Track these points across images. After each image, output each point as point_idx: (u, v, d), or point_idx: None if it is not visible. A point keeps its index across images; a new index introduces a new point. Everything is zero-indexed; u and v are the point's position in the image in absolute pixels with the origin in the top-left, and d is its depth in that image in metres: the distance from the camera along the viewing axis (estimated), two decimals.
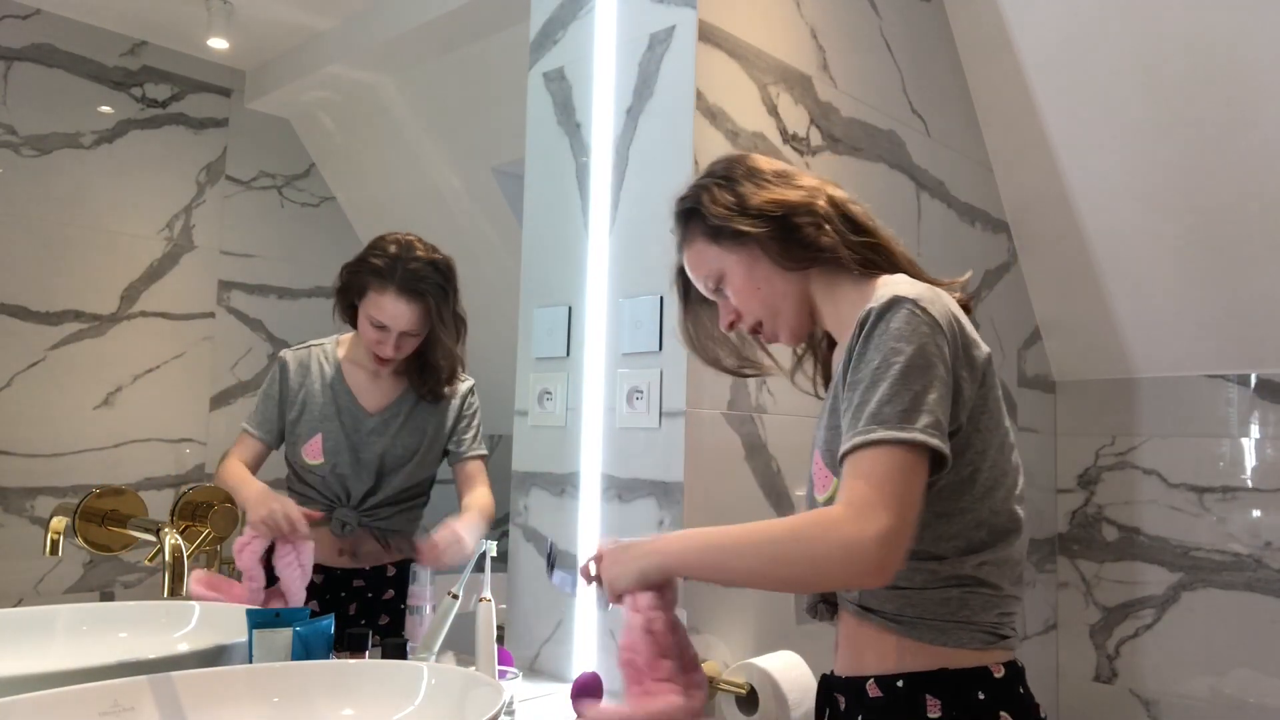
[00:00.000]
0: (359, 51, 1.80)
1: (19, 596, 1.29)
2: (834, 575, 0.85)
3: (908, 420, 0.84)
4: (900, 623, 0.96)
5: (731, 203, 1.04)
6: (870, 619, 0.98)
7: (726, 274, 1.07)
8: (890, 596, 0.96)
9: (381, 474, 1.52)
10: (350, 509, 1.50)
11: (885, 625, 0.97)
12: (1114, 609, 2.29)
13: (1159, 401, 2.28)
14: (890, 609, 0.97)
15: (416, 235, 1.52)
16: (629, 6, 1.58)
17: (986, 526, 0.94)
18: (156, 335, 1.45)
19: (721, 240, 1.05)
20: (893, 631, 0.96)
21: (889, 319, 0.88)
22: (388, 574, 1.56)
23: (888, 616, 0.97)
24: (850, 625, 1.02)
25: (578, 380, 1.58)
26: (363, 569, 1.54)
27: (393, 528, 1.55)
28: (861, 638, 1.00)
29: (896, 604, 0.96)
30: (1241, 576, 2.11)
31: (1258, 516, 2.11)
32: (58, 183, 1.36)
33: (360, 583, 1.54)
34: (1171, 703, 2.19)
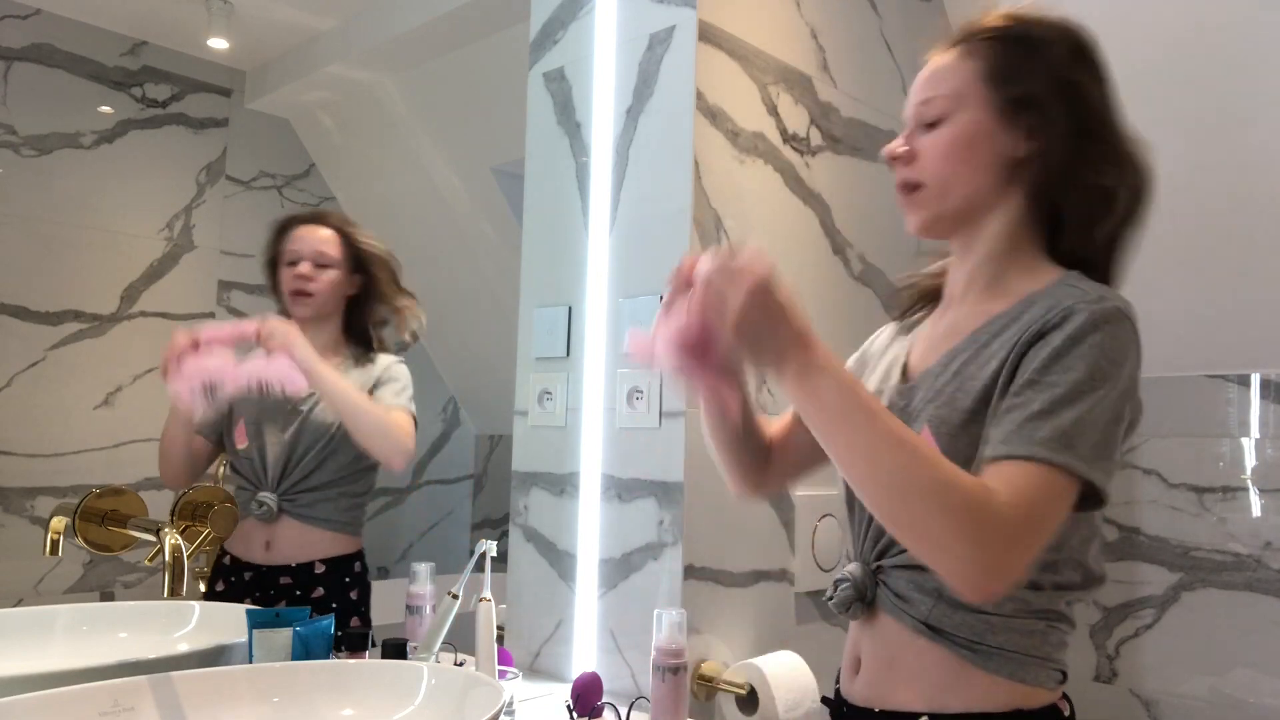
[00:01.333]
0: (359, 51, 1.80)
1: (19, 596, 1.29)
2: (945, 551, 0.72)
3: (1099, 459, 0.75)
4: (976, 651, 0.85)
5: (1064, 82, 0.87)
6: (938, 642, 0.86)
7: (956, 117, 0.88)
8: (970, 620, 0.85)
9: (294, 451, 1.47)
10: (269, 491, 1.45)
11: (956, 652, 0.85)
12: (1114, 609, 2.29)
13: (1159, 401, 2.28)
14: (966, 634, 0.85)
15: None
16: (629, 6, 1.58)
17: (1083, 570, 0.87)
18: (156, 335, 1.44)
19: (1000, 97, 0.87)
20: (965, 660, 0.85)
21: (1110, 332, 0.78)
22: (315, 570, 1.48)
23: (960, 642, 0.85)
24: (895, 645, 0.89)
25: (578, 380, 1.58)
26: (289, 565, 1.46)
27: (318, 515, 1.48)
28: (915, 663, 0.88)
29: (975, 629, 0.85)
30: (1241, 576, 2.11)
31: (1258, 516, 2.11)
32: (58, 183, 1.36)
33: (287, 580, 1.46)
34: (1171, 703, 2.19)
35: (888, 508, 0.75)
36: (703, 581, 1.44)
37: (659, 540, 1.44)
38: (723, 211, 1.51)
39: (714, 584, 1.47)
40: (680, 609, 1.24)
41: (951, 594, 0.85)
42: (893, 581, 0.90)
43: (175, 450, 1.43)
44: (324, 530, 1.49)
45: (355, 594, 1.50)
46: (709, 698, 1.43)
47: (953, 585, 0.74)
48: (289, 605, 1.42)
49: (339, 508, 1.50)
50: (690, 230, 1.45)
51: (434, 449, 1.87)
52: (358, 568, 1.52)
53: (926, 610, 0.87)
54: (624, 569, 1.48)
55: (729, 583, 1.49)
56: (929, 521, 0.72)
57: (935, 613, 0.86)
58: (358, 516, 1.54)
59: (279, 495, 1.46)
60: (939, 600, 0.86)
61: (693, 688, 1.41)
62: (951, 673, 0.86)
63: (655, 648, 1.20)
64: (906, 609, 0.88)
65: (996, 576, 0.72)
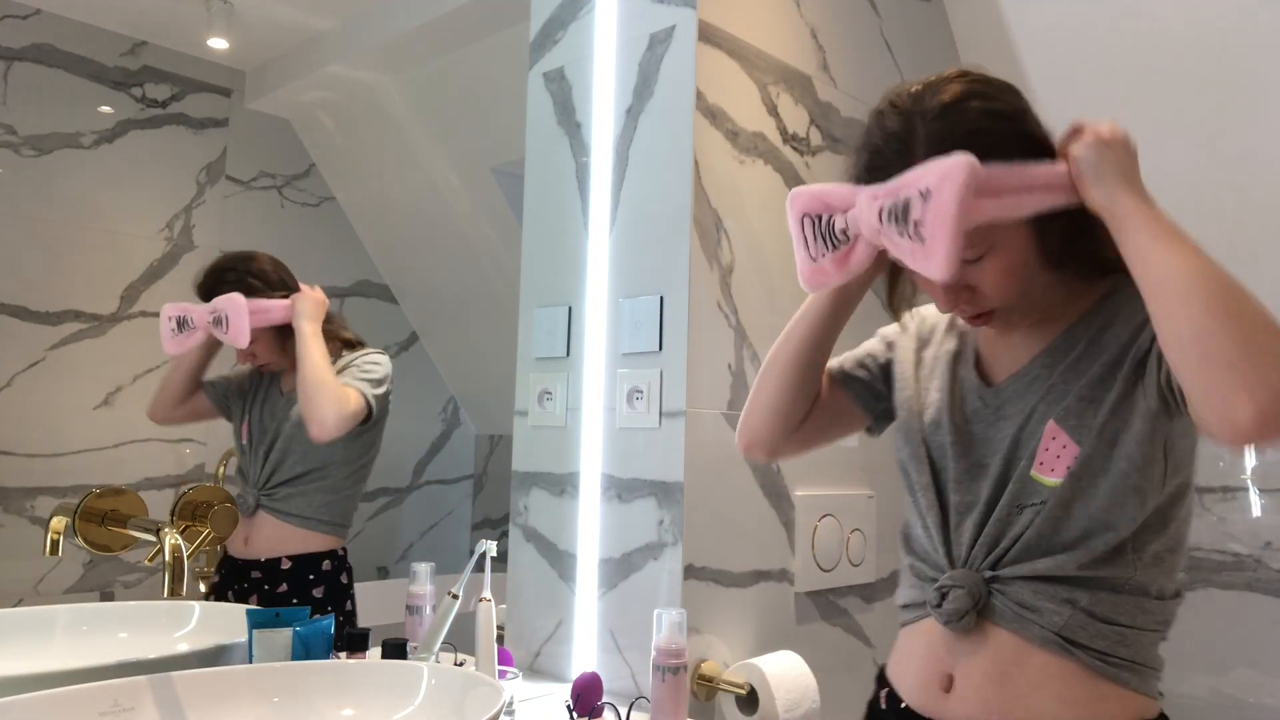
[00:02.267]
0: (359, 51, 1.80)
1: (19, 596, 1.29)
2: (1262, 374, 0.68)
3: None
4: (1109, 664, 0.84)
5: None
6: (1069, 656, 0.84)
7: (998, 247, 0.84)
8: (1106, 633, 0.85)
9: (273, 447, 1.48)
10: (253, 487, 1.48)
11: (1088, 665, 0.84)
12: None
13: None
14: (1102, 646, 0.84)
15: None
16: (629, 6, 1.58)
17: (1181, 570, 0.89)
18: (156, 335, 1.44)
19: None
20: (1096, 674, 0.84)
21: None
22: (282, 566, 1.47)
23: (1097, 655, 0.84)
24: (1010, 659, 0.86)
25: (578, 380, 1.57)
26: (258, 560, 1.47)
27: (290, 510, 1.48)
28: (1038, 676, 0.85)
29: (1109, 642, 0.85)
30: (1241, 576, 2.11)
31: (1258, 516, 2.11)
32: (58, 183, 1.36)
33: (258, 574, 1.46)
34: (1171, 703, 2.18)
35: (1220, 303, 0.72)
36: (703, 581, 1.44)
37: (659, 540, 1.44)
38: (723, 211, 1.51)
39: (714, 584, 1.47)
40: (680, 609, 1.24)
41: (1091, 605, 0.84)
42: (1015, 591, 0.86)
43: (169, 389, 1.46)
44: (294, 526, 1.48)
45: (321, 592, 1.48)
46: (709, 698, 1.43)
47: (1256, 402, 0.68)
48: (260, 600, 1.45)
49: (312, 504, 1.50)
50: (690, 230, 1.45)
51: (434, 449, 1.87)
52: (327, 566, 1.50)
53: (1061, 621, 0.84)
54: (624, 569, 1.48)
55: (729, 583, 1.49)
56: (1258, 337, 0.70)
57: (1071, 623, 0.84)
58: (337, 514, 1.52)
59: (259, 490, 1.48)
60: (1075, 610, 0.85)
61: (693, 688, 1.40)
62: (1082, 687, 0.83)
63: (655, 648, 1.20)
64: (1035, 619, 0.85)
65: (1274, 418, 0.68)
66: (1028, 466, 0.87)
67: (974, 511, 0.90)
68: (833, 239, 0.88)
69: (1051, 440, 0.85)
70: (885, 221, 0.81)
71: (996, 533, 0.88)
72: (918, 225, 0.77)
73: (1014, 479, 0.87)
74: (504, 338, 1.72)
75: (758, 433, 1.07)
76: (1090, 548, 0.85)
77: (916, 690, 0.93)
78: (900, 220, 0.79)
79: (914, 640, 0.96)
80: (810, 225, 0.89)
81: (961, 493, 0.92)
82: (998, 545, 0.88)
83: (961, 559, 0.90)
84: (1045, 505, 0.85)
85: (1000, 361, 0.96)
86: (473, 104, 1.95)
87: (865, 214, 0.83)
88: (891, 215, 0.80)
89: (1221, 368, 0.70)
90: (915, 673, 0.94)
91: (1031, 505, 0.86)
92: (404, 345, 1.76)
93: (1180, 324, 0.73)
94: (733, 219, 1.52)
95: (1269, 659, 2.06)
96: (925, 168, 0.77)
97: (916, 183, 0.78)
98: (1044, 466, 0.85)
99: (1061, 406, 0.86)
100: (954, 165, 0.75)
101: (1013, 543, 0.87)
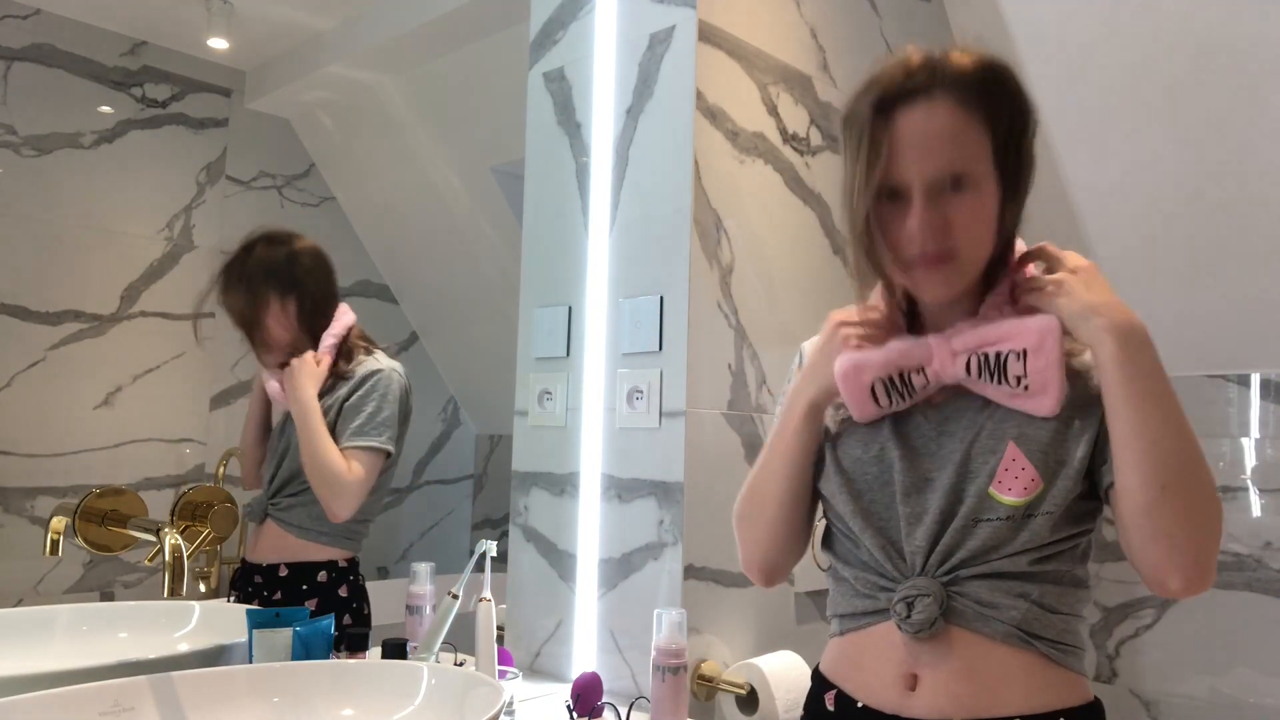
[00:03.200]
0: (359, 51, 1.80)
1: (19, 596, 1.29)
2: (1206, 538, 0.81)
3: None
4: (1062, 651, 0.89)
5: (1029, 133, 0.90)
6: (1031, 647, 0.88)
7: (980, 183, 0.87)
8: (1057, 621, 0.89)
9: (282, 458, 1.48)
10: (264, 495, 1.49)
11: (1045, 654, 0.88)
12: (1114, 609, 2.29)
13: None
14: (1053, 635, 0.89)
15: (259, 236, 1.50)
16: (629, 6, 1.57)
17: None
18: (156, 335, 1.44)
19: (999, 160, 0.88)
20: (1052, 661, 0.88)
21: None
22: (280, 573, 1.46)
23: (1051, 644, 0.89)
24: (972, 655, 0.89)
25: (578, 380, 1.57)
26: (261, 565, 1.46)
27: (290, 520, 1.47)
28: (999, 669, 0.88)
29: (1058, 629, 0.89)
30: (1241, 576, 2.11)
31: (1258, 516, 2.11)
32: (58, 183, 1.36)
33: (259, 579, 1.46)
34: (1171, 703, 2.19)
35: (1176, 485, 0.81)
36: (703, 581, 1.44)
37: (659, 540, 1.44)
38: (723, 211, 1.51)
39: (714, 584, 1.46)
40: (680, 609, 1.24)
41: (1041, 598, 0.88)
42: (973, 591, 0.89)
43: (250, 456, 1.51)
44: (293, 535, 1.47)
45: (314, 604, 1.45)
46: (709, 698, 1.43)
47: (1185, 576, 0.81)
48: (261, 604, 1.43)
49: (311, 515, 1.46)
50: (690, 230, 1.45)
51: (434, 449, 1.87)
52: (323, 577, 1.47)
53: (1019, 615, 0.87)
54: (624, 569, 1.48)
55: (729, 583, 1.49)
56: (1208, 507, 0.81)
57: (1028, 617, 0.88)
58: (338, 527, 1.48)
59: (267, 498, 1.49)
60: (1029, 603, 0.88)
61: (693, 688, 1.40)
62: (1042, 675, 0.88)
63: (655, 648, 1.20)
64: (995, 615, 0.88)
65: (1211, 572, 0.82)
66: (985, 484, 0.89)
67: (924, 523, 0.91)
68: (909, 391, 0.93)
69: (1012, 462, 0.88)
70: (976, 375, 0.89)
71: (953, 543, 0.89)
72: (1020, 379, 0.87)
73: (970, 494, 0.89)
74: (504, 338, 1.72)
75: (770, 558, 1.05)
76: (1044, 550, 0.89)
77: (878, 689, 0.92)
78: (997, 375, 0.88)
79: (865, 642, 0.95)
80: (883, 386, 0.93)
81: (911, 505, 0.92)
82: (954, 554, 0.90)
83: (918, 567, 0.91)
84: (1004, 520, 0.88)
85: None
86: (473, 104, 1.95)
87: (951, 369, 0.90)
88: (983, 370, 0.89)
89: (1163, 542, 0.81)
90: (874, 672, 0.93)
91: (988, 520, 0.88)
92: (404, 345, 1.76)
93: (1137, 491, 0.82)
94: (733, 219, 1.52)
95: (1269, 659, 2.06)
96: (1011, 325, 0.87)
97: (1006, 341, 0.87)
98: (1002, 485, 0.88)
99: (1018, 430, 0.89)
100: (1049, 326, 0.86)
101: (970, 553, 0.89)
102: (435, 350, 1.82)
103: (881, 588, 0.94)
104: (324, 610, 1.46)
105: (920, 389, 0.93)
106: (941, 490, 0.91)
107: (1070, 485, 0.87)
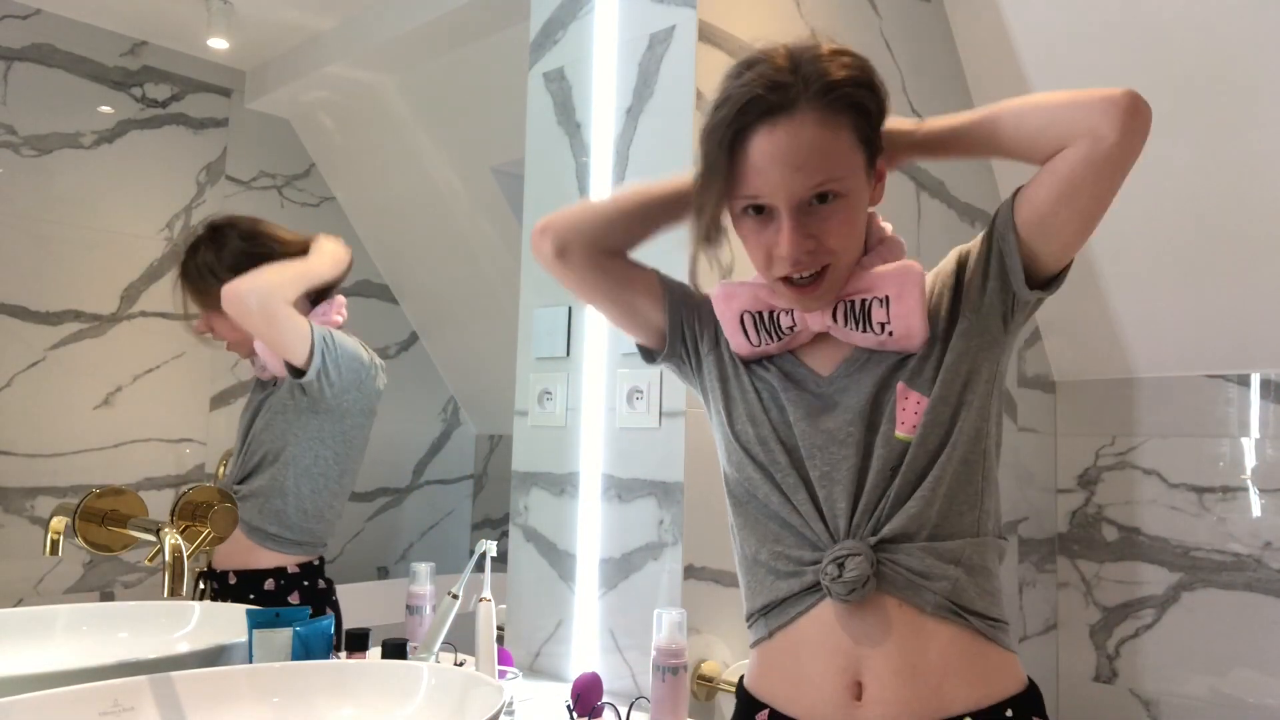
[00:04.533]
0: (359, 51, 1.80)
1: (19, 596, 1.29)
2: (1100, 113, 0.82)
3: None
4: (993, 626, 0.86)
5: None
6: (964, 622, 0.84)
7: (849, 190, 0.87)
8: (984, 593, 0.86)
9: (242, 449, 1.44)
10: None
11: (980, 631, 0.85)
12: (1114, 609, 2.29)
13: (1159, 401, 2.28)
14: (982, 608, 0.86)
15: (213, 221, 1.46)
16: (629, 6, 1.58)
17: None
18: (156, 335, 1.44)
19: (867, 154, 0.88)
20: (987, 639, 0.85)
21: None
22: (229, 581, 1.40)
23: (981, 618, 0.85)
24: (910, 645, 0.84)
25: (578, 380, 1.57)
26: (215, 570, 1.40)
27: (248, 520, 1.40)
28: (938, 661, 0.84)
29: (987, 602, 0.86)
30: (1241, 576, 2.11)
31: (1258, 516, 2.11)
32: (58, 183, 1.36)
33: (215, 585, 1.40)
34: (1171, 703, 2.19)
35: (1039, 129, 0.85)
36: (703, 581, 1.44)
37: (659, 540, 1.44)
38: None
39: (714, 584, 1.47)
40: (680, 609, 1.24)
41: (969, 557, 0.87)
42: (902, 559, 0.86)
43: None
44: (241, 534, 1.40)
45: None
46: (709, 698, 1.43)
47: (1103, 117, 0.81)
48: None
49: (262, 511, 1.41)
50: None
51: (434, 449, 1.87)
52: (270, 585, 1.40)
53: (950, 586, 0.85)
54: (624, 569, 1.48)
55: (729, 583, 1.49)
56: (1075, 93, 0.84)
57: (959, 586, 0.85)
58: (289, 529, 1.42)
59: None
60: (959, 568, 0.86)
61: (693, 688, 1.41)
62: (980, 658, 0.85)
63: (655, 648, 1.20)
64: (926, 584, 0.85)
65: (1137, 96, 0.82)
66: (890, 430, 0.89)
67: (841, 483, 0.89)
68: (777, 332, 0.95)
69: (905, 400, 0.89)
70: (843, 322, 0.91)
71: (875, 498, 0.88)
72: (884, 325, 0.89)
73: (879, 444, 0.89)
74: (504, 338, 1.72)
75: (562, 226, 1.04)
76: (942, 466, 0.88)
77: (819, 703, 0.87)
78: (862, 322, 0.90)
79: (797, 645, 0.90)
80: (752, 320, 0.95)
81: (820, 467, 0.90)
82: (876, 508, 0.88)
83: (843, 530, 0.88)
84: (908, 455, 0.88)
85: (823, 355, 0.96)
86: (473, 104, 1.95)
87: (816, 317, 0.92)
88: (848, 317, 0.91)
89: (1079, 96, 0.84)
90: (813, 684, 0.88)
91: (903, 465, 0.88)
92: (404, 345, 1.76)
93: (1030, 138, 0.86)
94: None
95: (1269, 659, 2.06)
96: (874, 275, 0.90)
97: (870, 290, 0.89)
98: (905, 426, 0.88)
99: (906, 369, 0.90)
100: (909, 272, 0.89)
101: (887, 500, 0.88)
102: (435, 350, 1.82)
103: (811, 561, 0.89)
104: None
105: (788, 331, 0.93)
106: (852, 448, 0.89)
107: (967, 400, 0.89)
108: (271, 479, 1.43)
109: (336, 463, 1.47)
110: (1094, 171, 0.82)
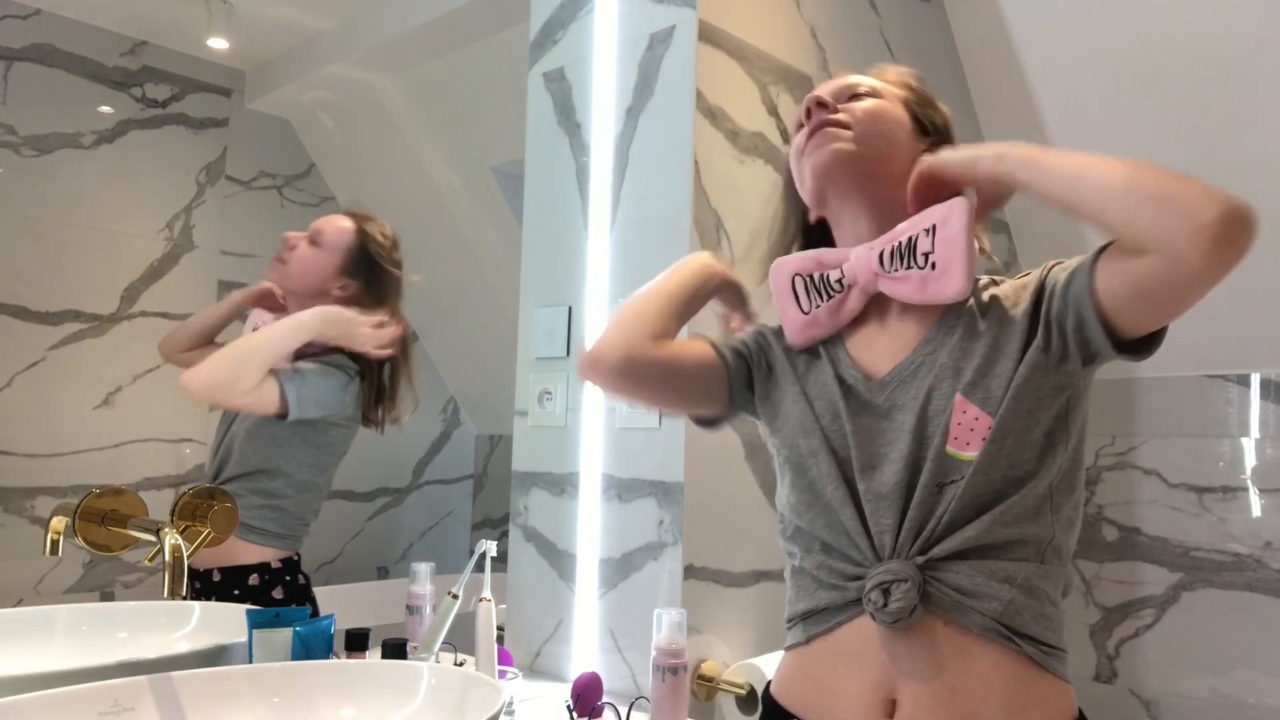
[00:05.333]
0: (359, 51, 1.80)
1: (19, 596, 1.29)
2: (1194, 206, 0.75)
3: None
4: (1045, 653, 0.82)
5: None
6: (1014, 647, 0.80)
7: (883, 99, 0.98)
8: (1040, 617, 0.82)
9: (220, 446, 1.43)
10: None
11: (1031, 657, 0.81)
12: (1114, 609, 2.29)
13: (1159, 401, 2.28)
14: (1036, 632, 0.81)
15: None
16: (629, 6, 1.58)
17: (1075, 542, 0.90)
18: (157, 335, 1.44)
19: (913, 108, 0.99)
20: (1037, 667, 0.81)
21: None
22: (213, 578, 1.39)
23: (1034, 643, 0.81)
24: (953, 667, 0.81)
25: (577, 380, 1.57)
26: (198, 568, 1.39)
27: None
28: (981, 685, 0.80)
29: (1042, 626, 0.82)
30: (1241, 576, 2.11)
31: (1258, 516, 2.11)
32: (58, 183, 1.36)
33: (198, 584, 1.39)
34: (1171, 703, 2.19)
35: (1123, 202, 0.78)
36: (703, 581, 1.44)
37: (659, 540, 1.44)
38: (723, 211, 1.51)
39: (714, 584, 1.47)
40: (680, 609, 1.24)
41: (1025, 579, 0.82)
42: (950, 577, 0.81)
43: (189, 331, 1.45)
44: (239, 535, 1.39)
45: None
46: (709, 698, 1.43)
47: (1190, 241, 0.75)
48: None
49: (254, 514, 1.40)
50: (690, 230, 1.45)
51: (434, 449, 1.87)
52: (254, 580, 1.40)
53: (1000, 606, 0.80)
54: (624, 569, 1.48)
55: (729, 583, 1.49)
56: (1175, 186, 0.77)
57: (1012, 608, 0.80)
58: (273, 523, 1.42)
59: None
60: (1013, 589, 0.81)
61: (693, 688, 1.40)
62: (1024, 686, 0.80)
63: (655, 648, 1.20)
64: (975, 605, 0.80)
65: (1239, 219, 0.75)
66: (942, 444, 0.84)
67: (888, 498, 0.85)
68: (828, 290, 0.97)
69: (963, 414, 0.84)
70: (887, 263, 0.91)
71: (922, 515, 0.84)
72: (928, 255, 0.88)
73: (929, 459, 0.84)
74: (504, 338, 1.72)
75: (612, 343, 0.97)
76: (1012, 503, 0.82)
77: (850, 717, 0.84)
78: (906, 257, 0.90)
79: (833, 656, 0.87)
80: (803, 283, 0.98)
81: (868, 482, 0.87)
82: (925, 527, 0.83)
83: (889, 548, 0.84)
84: (965, 479, 0.83)
85: (878, 356, 0.94)
86: (473, 104, 1.95)
87: (864, 261, 0.93)
88: (895, 256, 0.90)
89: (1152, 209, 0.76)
90: (844, 696, 0.85)
91: (952, 482, 0.83)
92: None
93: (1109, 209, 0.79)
94: (733, 219, 1.52)
95: (1269, 659, 2.06)
96: (920, 215, 0.90)
97: (918, 225, 0.90)
98: (958, 441, 0.84)
99: (964, 381, 0.85)
100: (956, 203, 0.88)
101: (939, 522, 0.83)
102: (435, 350, 1.82)
103: (853, 576, 0.86)
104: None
105: (837, 286, 0.96)
106: (900, 462, 0.86)
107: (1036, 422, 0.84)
108: (252, 473, 1.42)
109: (317, 459, 1.47)
110: (1172, 292, 0.76)
